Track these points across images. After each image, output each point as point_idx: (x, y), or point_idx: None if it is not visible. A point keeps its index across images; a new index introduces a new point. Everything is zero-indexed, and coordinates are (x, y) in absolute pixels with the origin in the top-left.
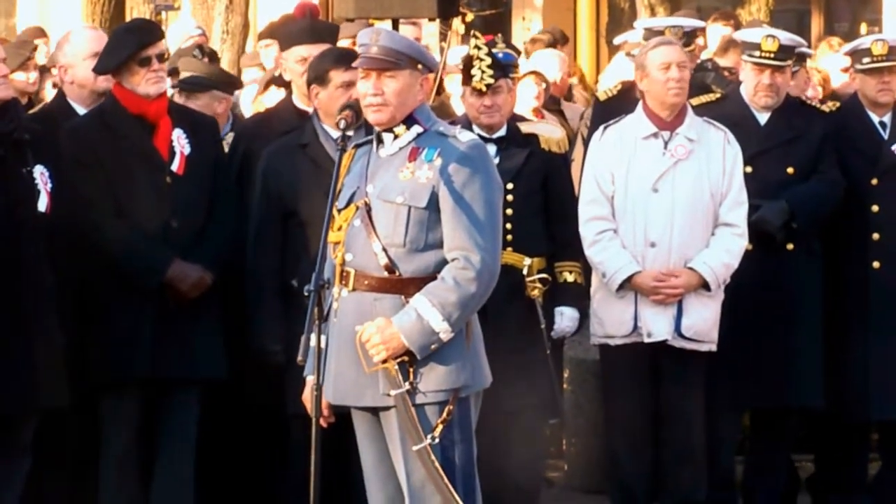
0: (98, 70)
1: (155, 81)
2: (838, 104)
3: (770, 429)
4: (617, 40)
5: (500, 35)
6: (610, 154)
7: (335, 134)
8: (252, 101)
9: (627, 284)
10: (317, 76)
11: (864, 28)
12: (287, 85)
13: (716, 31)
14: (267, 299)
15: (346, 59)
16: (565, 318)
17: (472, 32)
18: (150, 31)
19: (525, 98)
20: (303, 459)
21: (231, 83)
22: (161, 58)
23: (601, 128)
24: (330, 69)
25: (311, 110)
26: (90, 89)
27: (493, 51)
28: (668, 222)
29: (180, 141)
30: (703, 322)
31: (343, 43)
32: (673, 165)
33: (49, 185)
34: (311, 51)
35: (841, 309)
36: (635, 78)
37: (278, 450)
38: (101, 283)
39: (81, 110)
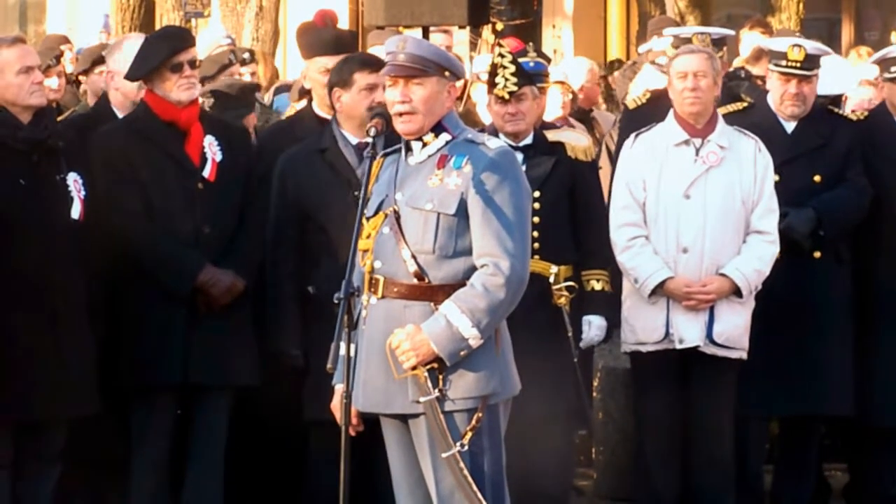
0: (130, 76)
1: (187, 88)
2: (866, 112)
3: (798, 436)
4: (641, 49)
5: (531, 44)
6: (641, 161)
7: (354, 140)
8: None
9: (660, 290)
10: (340, 79)
11: (894, 36)
12: (308, 94)
13: (753, 39)
14: (285, 303)
15: (370, 62)
16: (593, 327)
17: (496, 40)
18: (182, 38)
19: (551, 107)
20: (324, 468)
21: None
22: (193, 64)
23: (633, 135)
24: (354, 71)
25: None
26: (131, 100)
27: (524, 59)
28: (700, 228)
29: (212, 148)
30: (734, 328)
31: (374, 50)
32: (705, 172)
33: (82, 193)
34: (335, 62)
35: (869, 316)
36: (667, 85)
37: (300, 459)
38: (133, 288)
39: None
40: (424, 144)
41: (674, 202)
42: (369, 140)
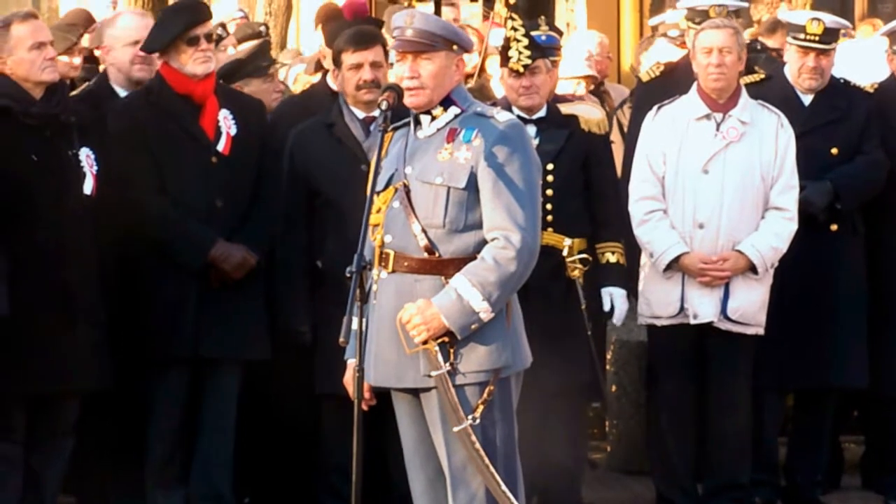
0: (146, 49)
1: (203, 61)
2: (875, 85)
3: (813, 409)
4: (652, 21)
5: (543, 17)
6: (662, 134)
7: (360, 114)
8: (294, 82)
9: (675, 265)
10: (334, 59)
11: None
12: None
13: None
14: (295, 279)
15: (354, 40)
16: (618, 300)
17: (509, 14)
18: (198, 11)
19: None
20: (336, 443)
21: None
22: (209, 38)
23: (655, 107)
24: (342, 51)
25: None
26: (126, 75)
27: (537, 33)
28: (717, 204)
29: (227, 121)
30: (749, 305)
31: None
32: (724, 147)
33: (94, 168)
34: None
35: (884, 289)
36: (691, 58)
37: (312, 434)
38: (146, 263)
39: (123, 93)
40: (433, 118)
41: (692, 177)
42: (375, 115)
